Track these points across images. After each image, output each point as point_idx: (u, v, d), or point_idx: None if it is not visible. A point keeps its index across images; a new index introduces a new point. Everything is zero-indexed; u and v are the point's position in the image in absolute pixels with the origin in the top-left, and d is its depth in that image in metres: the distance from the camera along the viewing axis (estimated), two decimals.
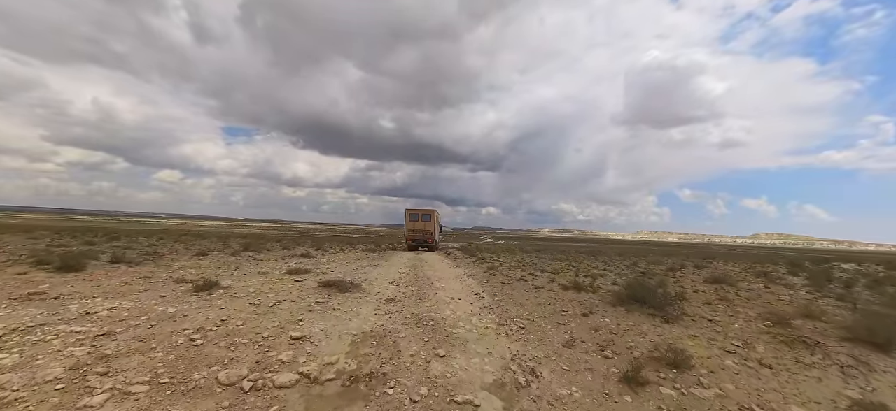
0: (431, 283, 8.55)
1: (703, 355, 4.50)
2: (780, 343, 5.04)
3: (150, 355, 3.68)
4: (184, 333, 4.27)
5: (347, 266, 11.80)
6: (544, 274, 10.80)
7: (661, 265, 17.10)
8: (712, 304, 7.18)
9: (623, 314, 6.02)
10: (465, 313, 5.91)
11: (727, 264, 21.14)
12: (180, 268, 9.02)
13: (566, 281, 9.12)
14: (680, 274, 13.04)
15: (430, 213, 26.11)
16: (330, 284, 7.14)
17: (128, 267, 8.51)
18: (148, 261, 9.75)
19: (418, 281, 8.90)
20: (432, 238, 25.87)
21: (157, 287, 6.65)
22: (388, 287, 7.86)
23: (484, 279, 9.59)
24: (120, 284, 6.75)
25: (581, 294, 7.57)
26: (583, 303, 6.77)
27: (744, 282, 11.23)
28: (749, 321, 6.12)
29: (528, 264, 14.45)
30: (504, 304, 6.56)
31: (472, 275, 10.51)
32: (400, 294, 7.15)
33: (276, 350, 4.00)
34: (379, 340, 4.53)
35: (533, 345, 4.68)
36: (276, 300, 5.98)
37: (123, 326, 4.42)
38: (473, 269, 11.92)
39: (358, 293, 6.95)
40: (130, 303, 5.44)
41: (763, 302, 7.98)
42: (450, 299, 6.90)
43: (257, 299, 5.99)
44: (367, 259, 15.15)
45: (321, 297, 6.32)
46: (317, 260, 13.60)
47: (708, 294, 8.54)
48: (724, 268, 17.49)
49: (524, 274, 10.55)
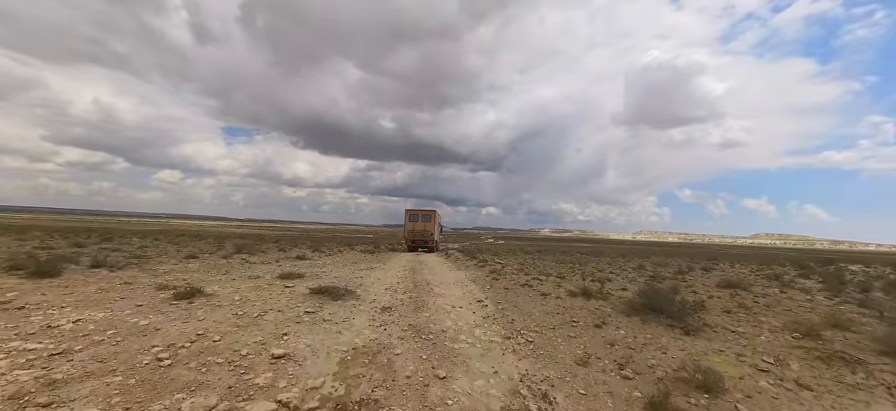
0: (431, 289, 8.07)
1: (735, 375, 4.02)
2: (815, 359, 4.56)
3: (106, 380, 3.20)
4: (151, 351, 3.79)
5: (343, 269, 11.32)
6: (549, 278, 10.32)
7: (668, 267, 16.64)
8: (732, 313, 6.70)
9: (639, 325, 5.54)
10: (468, 324, 5.43)
11: (733, 266, 20.67)
12: (166, 273, 8.54)
13: (573, 286, 8.64)
14: (689, 277, 12.57)
15: (430, 214, 25.60)
16: (322, 291, 6.66)
17: (109, 271, 8.03)
18: (133, 265, 9.27)
19: (417, 286, 8.42)
20: (432, 239, 25.37)
21: (136, 294, 6.18)
22: (384, 293, 7.38)
23: (486, 284, 9.10)
24: (96, 291, 6.27)
25: (591, 301, 7.09)
26: (594, 311, 6.29)
27: (757, 286, 10.76)
28: (775, 332, 5.64)
29: (532, 267, 13.97)
30: (509, 313, 6.08)
31: (474, 279, 10.04)
32: (397, 301, 6.67)
33: (253, 371, 3.52)
34: (372, 358, 4.05)
35: (543, 363, 4.20)
36: (261, 310, 5.50)
37: (85, 343, 3.94)
38: (475, 273, 11.44)
39: (352, 301, 6.47)
40: (101, 313, 4.96)
41: (784, 309, 7.50)
42: (451, 307, 6.42)
43: (241, 308, 5.51)
44: (364, 261, 14.68)
45: (311, 306, 5.84)
46: (312, 262, 13.13)
47: (724, 300, 8.06)
48: (731, 271, 17.03)
49: (528, 278, 10.07)
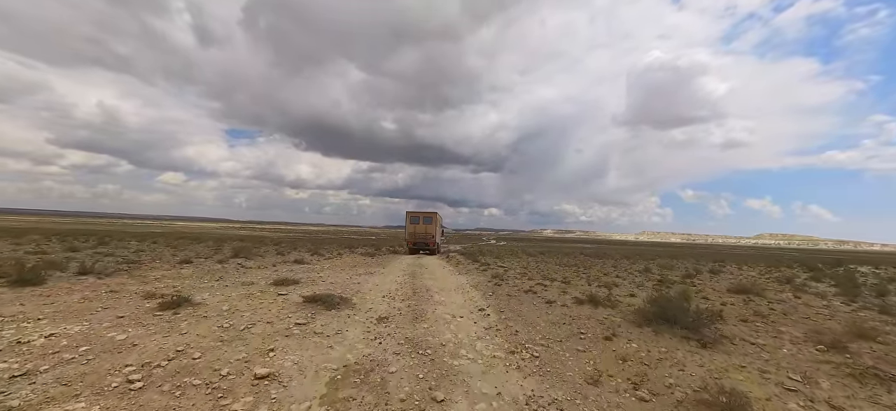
0: (431, 296, 7.74)
1: (761, 395, 3.67)
2: (846, 376, 4.20)
3: (67, 407, 2.89)
4: (123, 371, 3.47)
5: (341, 274, 11.01)
6: (554, 283, 9.97)
7: (674, 270, 16.25)
8: (749, 322, 6.34)
9: (651, 337, 5.19)
10: (469, 336, 5.10)
11: (741, 268, 20.25)
12: (156, 280, 8.24)
13: (579, 292, 8.29)
14: (698, 281, 12.19)
15: (432, 216, 25.24)
16: (316, 299, 6.34)
17: (97, 279, 7.74)
18: (123, 272, 8.98)
19: (416, 293, 8.09)
20: (434, 241, 25.02)
21: (121, 304, 5.87)
22: (382, 301, 7.06)
23: (488, 290, 8.77)
24: (79, 301, 5.97)
25: (598, 309, 6.74)
26: (602, 321, 5.94)
27: (770, 291, 10.38)
28: (797, 344, 5.28)
29: (535, 271, 13.62)
30: (513, 324, 5.74)
31: (476, 284, 9.70)
32: (394, 310, 6.34)
33: (232, 395, 3.20)
34: (364, 377, 3.72)
35: (551, 382, 3.85)
36: (249, 321, 5.18)
37: (53, 361, 3.63)
38: (477, 278, 11.09)
39: (347, 310, 6.14)
40: (77, 327, 4.66)
41: (802, 317, 7.14)
42: (451, 316, 6.09)
43: (228, 320, 5.20)
44: (363, 265, 14.36)
45: (303, 317, 5.51)
46: (310, 266, 12.82)
47: (738, 307, 7.70)
48: (739, 273, 16.63)
49: (532, 283, 9.72)
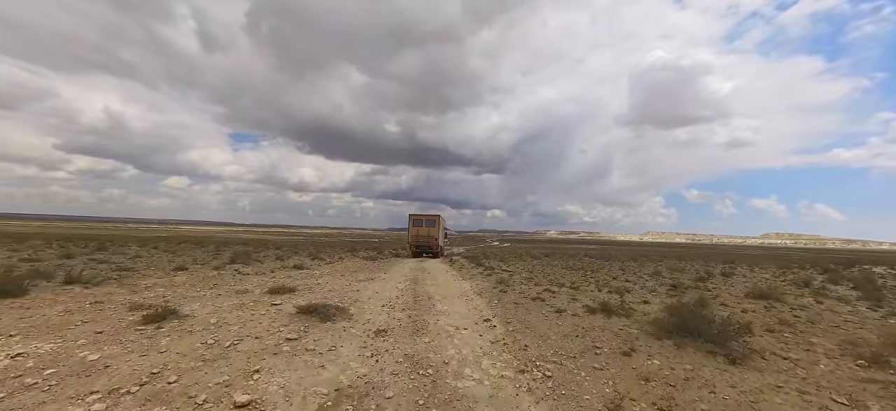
0: (433, 305, 7.34)
1: None
2: None
3: None
4: (86, 400, 3.10)
5: (341, 280, 10.63)
6: (562, 289, 9.53)
7: (685, 273, 15.74)
8: (776, 332, 5.88)
9: (674, 352, 4.75)
10: (474, 352, 4.69)
11: (753, 270, 19.69)
12: (146, 289, 7.90)
13: (590, 300, 7.86)
14: (712, 285, 11.70)
15: (434, 219, 24.96)
16: (310, 310, 5.95)
17: (83, 288, 7.40)
18: (113, 280, 8.65)
19: (418, 301, 7.69)
20: (437, 244, 24.73)
21: (103, 317, 5.52)
22: (381, 311, 6.66)
23: (494, 297, 8.35)
24: (59, 314, 5.62)
25: (612, 319, 6.31)
26: (618, 333, 5.51)
27: (789, 295, 9.88)
28: (833, 358, 4.83)
29: (541, 275, 13.18)
30: (521, 337, 5.32)
31: (480, 291, 9.28)
32: (394, 322, 5.95)
33: None
34: (357, 403, 3.32)
35: (566, 407, 3.43)
36: (237, 336, 4.80)
37: (12, 387, 3.26)
38: (481, 284, 10.68)
39: (343, 322, 5.75)
40: (50, 344, 4.29)
41: (830, 325, 6.66)
42: (454, 328, 5.68)
43: (214, 335, 4.82)
44: (364, 270, 13.99)
45: (295, 331, 5.13)
46: (309, 272, 12.45)
47: (760, 315, 7.24)
48: (752, 275, 16.09)
49: (539, 290, 9.29)
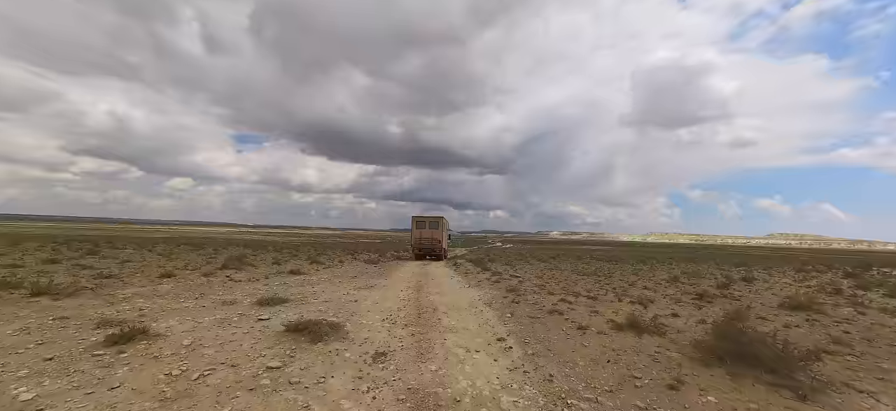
0: (439, 319, 6.58)
1: None
2: None
3: None
4: None
5: (338, 288, 9.90)
6: (579, 299, 8.75)
7: (703, 278, 14.92)
8: (836, 356, 5.08)
9: (728, 384, 3.97)
10: (490, 383, 3.92)
11: (771, 274, 18.83)
12: (123, 300, 7.19)
13: (613, 312, 7.09)
14: (736, 292, 10.89)
15: (438, 221, 24.32)
16: (301, 328, 5.21)
17: (52, 300, 6.69)
18: (90, 290, 7.95)
19: (422, 314, 6.95)
20: (440, 247, 24.10)
21: (63, 337, 4.80)
22: (380, 327, 5.92)
23: (505, 309, 7.59)
24: (14, 333, 4.91)
25: (644, 339, 5.53)
26: (656, 358, 4.74)
27: (826, 305, 9.06)
28: None
29: (553, 281, 12.40)
30: (543, 362, 4.56)
31: (490, 300, 8.52)
32: (395, 342, 5.20)
33: None
34: None
35: None
36: (210, 364, 4.07)
37: None
38: (489, 292, 9.91)
39: (336, 342, 5.01)
40: None
41: (888, 343, 5.86)
42: (464, 351, 4.92)
43: (183, 362, 4.09)
44: (364, 275, 13.25)
45: (279, 356, 4.39)
46: (305, 278, 11.73)
47: (805, 331, 6.44)
48: (772, 281, 15.25)
49: (554, 299, 8.52)
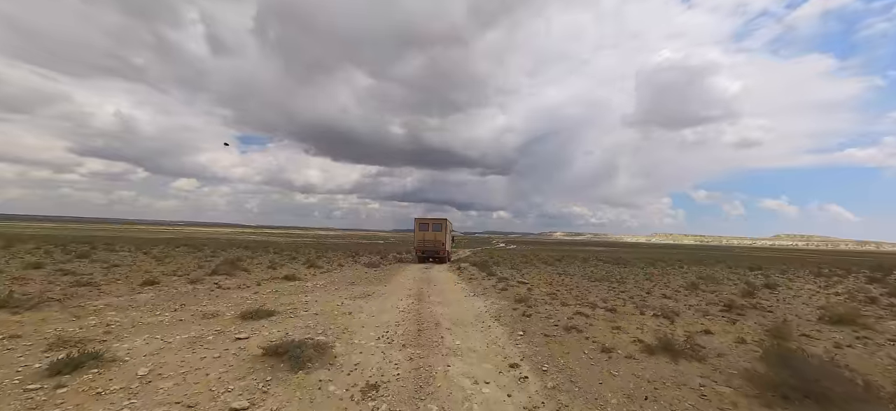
0: (441, 337, 5.83)
1: None
2: None
3: None
4: None
5: (334, 296, 9.18)
6: (596, 311, 7.96)
7: (723, 284, 14.04)
8: None
9: None
10: None
11: (791, 279, 17.89)
12: (94, 313, 6.51)
13: (637, 328, 6.31)
14: (764, 301, 10.04)
15: (441, 223, 23.63)
16: (281, 351, 4.48)
17: (10, 315, 6.00)
18: (57, 302, 7.27)
19: (422, 330, 6.20)
20: (444, 249, 23.42)
21: (5, 363, 4.11)
22: (374, 349, 5.17)
23: (516, 324, 6.82)
24: None
25: (681, 364, 4.74)
26: (702, 393, 3.95)
27: (867, 316, 8.20)
28: None
29: (563, 288, 11.60)
30: (567, 399, 3.79)
31: (497, 313, 7.75)
32: (390, 369, 4.44)
33: None
34: None
35: None
36: (162, 402, 3.34)
37: None
38: (496, 301, 9.14)
39: (321, 370, 4.27)
40: None
41: None
42: (471, 382, 4.16)
43: (133, 398, 3.36)
44: (363, 281, 12.52)
45: (249, 391, 3.65)
46: (300, 284, 11.02)
47: (860, 353, 5.62)
48: (797, 287, 14.34)
49: (569, 312, 7.73)
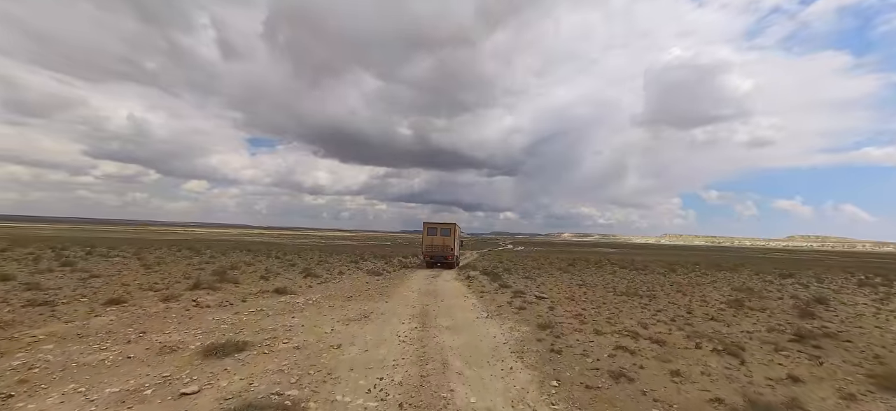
0: (451, 389, 4.48)
1: None
2: None
3: None
4: None
5: (325, 318, 7.92)
6: (641, 342, 6.55)
7: (763, 295, 12.47)
8: None
9: None
10: None
11: (836, 289, 16.20)
12: (28, 345, 5.33)
13: (707, 375, 4.92)
14: (828, 322, 8.51)
15: (450, 227, 22.74)
16: None
17: None
18: None
19: (426, 375, 4.88)
20: (452, 254, 22.41)
21: None
22: (361, 407, 3.86)
23: (544, 362, 5.46)
24: None
25: None
26: None
27: None
28: None
29: (589, 303, 10.16)
30: None
31: (520, 346, 6.38)
32: None
33: None
34: None
35: None
36: None
37: None
38: (515, 326, 7.77)
39: None
40: None
41: None
42: None
43: None
44: (363, 294, 11.25)
45: None
46: (290, 300, 9.78)
47: None
48: (838, 294, 12.70)
49: (609, 347, 6.30)
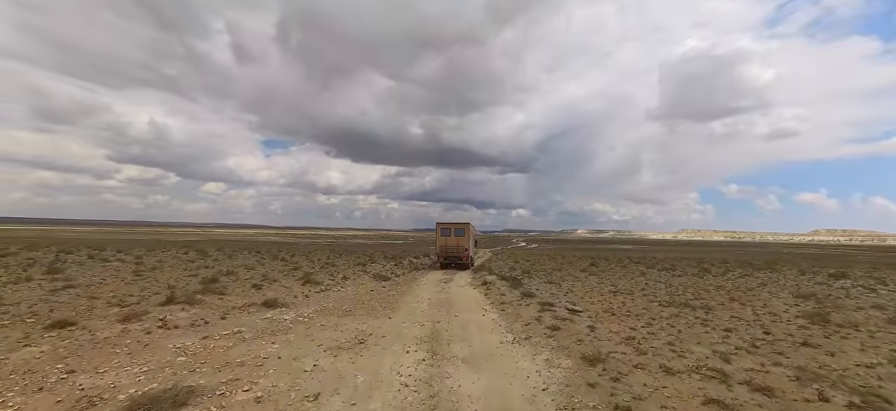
0: None
1: None
2: None
3: None
4: None
5: (309, 346, 6.40)
6: (736, 391, 4.79)
7: (841, 305, 10.44)
8: None
9: None
10: None
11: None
12: None
13: None
14: None
15: (464, 227, 21.51)
16: None
17: None
18: None
19: None
20: (466, 255, 21.15)
21: None
22: None
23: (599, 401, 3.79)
24: None
25: None
26: None
27: None
28: None
29: (637, 320, 8.35)
30: None
31: (564, 389, 4.71)
32: None
33: None
34: None
35: None
36: None
37: None
38: (553, 359, 6.06)
39: None
40: None
41: None
42: None
43: None
44: (363, 307, 9.71)
45: None
46: (276, 317, 8.29)
47: None
48: None
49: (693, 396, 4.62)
